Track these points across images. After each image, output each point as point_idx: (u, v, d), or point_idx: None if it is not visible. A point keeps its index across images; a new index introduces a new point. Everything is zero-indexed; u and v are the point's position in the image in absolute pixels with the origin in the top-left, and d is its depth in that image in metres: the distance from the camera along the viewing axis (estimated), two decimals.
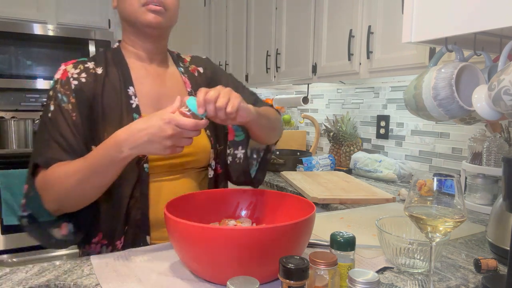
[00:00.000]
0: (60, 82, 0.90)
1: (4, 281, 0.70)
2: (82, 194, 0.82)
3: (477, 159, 1.39)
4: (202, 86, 0.92)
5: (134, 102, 0.92)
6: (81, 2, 2.86)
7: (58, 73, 0.92)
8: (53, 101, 0.89)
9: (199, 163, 1.00)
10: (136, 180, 0.89)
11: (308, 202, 0.81)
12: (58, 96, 0.89)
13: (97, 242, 0.92)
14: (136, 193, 0.90)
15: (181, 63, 1.08)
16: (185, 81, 1.04)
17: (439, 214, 0.64)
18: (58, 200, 0.83)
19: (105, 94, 0.91)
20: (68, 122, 0.87)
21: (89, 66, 0.94)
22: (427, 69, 0.92)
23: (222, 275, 0.66)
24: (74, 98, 0.89)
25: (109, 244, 0.92)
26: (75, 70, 0.92)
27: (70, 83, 0.90)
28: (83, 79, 0.91)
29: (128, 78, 0.94)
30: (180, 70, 1.06)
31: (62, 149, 0.86)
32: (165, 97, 0.98)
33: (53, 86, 0.91)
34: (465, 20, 0.75)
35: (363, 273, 0.54)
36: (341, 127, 2.25)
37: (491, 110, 0.78)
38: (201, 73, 1.09)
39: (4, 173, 2.30)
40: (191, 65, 1.09)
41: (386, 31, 1.65)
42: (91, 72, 0.93)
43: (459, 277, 0.78)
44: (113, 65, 0.96)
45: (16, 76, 2.61)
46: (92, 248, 0.93)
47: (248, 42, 2.80)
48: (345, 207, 1.38)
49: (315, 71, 2.11)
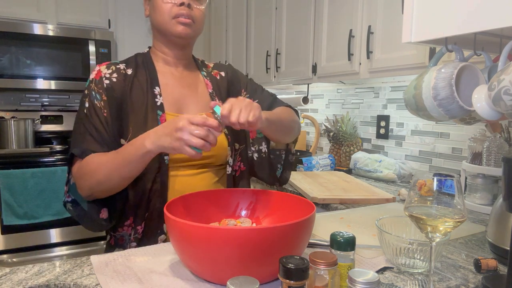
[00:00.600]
0: (94, 81, 1.00)
1: (4, 281, 0.70)
2: (111, 183, 0.91)
3: (477, 159, 1.39)
4: (223, 88, 1.15)
5: (159, 100, 1.01)
6: (81, 2, 2.86)
7: (93, 73, 1.02)
8: (87, 99, 0.99)
9: (216, 160, 1.06)
10: (157, 171, 0.97)
11: (308, 202, 0.81)
12: (92, 94, 0.99)
13: (129, 225, 1.00)
14: (156, 182, 0.98)
15: (204, 68, 1.18)
16: (207, 83, 1.13)
17: (439, 214, 0.64)
18: (90, 188, 0.92)
19: (133, 92, 1.01)
20: (100, 118, 0.97)
21: (120, 67, 1.03)
22: (427, 69, 0.92)
23: (222, 275, 0.66)
24: (106, 96, 0.98)
25: (135, 227, 1.00)
26: (107, 70, 1.02)
27: (103, 82, 0.99)
28: (114, 78, 1.01)
29: (154, 79, 1.04)
30: (203, 73, 1.15)
31: (96, 141, 0.95)
32: (187, 97, 1.08)
33: (88, 85, 1.01)
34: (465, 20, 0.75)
35: (363, 273, 0.54)
36: (341, 127, 2.25)
37: (491, 110, 0.78)
38: (223, 77, 1.18)
39: (4, 173, 2.30)
40: (214, 70, 1.19)
41: (386, 31, 1.65)
42: (122, 72, 1.02)
43: (459, 277, 0.78)
44: (142, 67, 1.06)
45: (16, 76, 2.61)
46: (124, 230, 1.01)
47: (248, 42, 2.80)
48: (345, 207, 1.38)
49: (315, 71, 2.11)
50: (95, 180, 0.90)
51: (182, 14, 0.99)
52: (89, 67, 2.79)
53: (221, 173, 1.09)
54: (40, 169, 2.39)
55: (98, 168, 0.90)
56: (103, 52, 2.82)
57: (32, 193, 2.36)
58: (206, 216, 0.89)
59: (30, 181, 2.35)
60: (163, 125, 0.85)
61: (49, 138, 2.98)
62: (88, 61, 2.79)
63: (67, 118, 3.03)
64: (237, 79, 1.19)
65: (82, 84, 2.79)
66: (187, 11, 0.99)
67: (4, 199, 2.30)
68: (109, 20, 2.97)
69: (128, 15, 3.05)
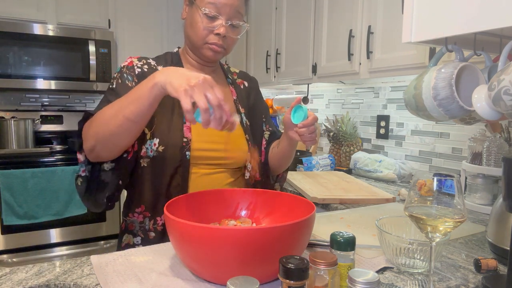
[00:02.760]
0: (126, 67, 1.02)
1: (4, 281, 0.70)
2: (114, 127, 0.84)
3: (477, 159, 1.39)
4: (246, 99, 1.19)
5: None
6: (81, 2, 2.85)
7: (125, 62, 1.03)
8: (116, 80, 1.00)
9: (236, 162, 1.08)
10: (179, 165, 0.98)
11: (308, 202, 0.81)
12: (124, 75, 1.00)
13: (140, 212, 1.02)
14: (177, 176, 0.99)
15: (230, 75, 1.20)
16: (232, 90, 1.16)
17: (439, 214, 0.64)
18: (94, 135, 0.86)
19: None
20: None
21: (151, 62, 1.06)
22: (427, 69, 0.92)
23: (222, 275, 0.66)
24: (137, 79, 0.99)
25: (151, 218, 1.01)
26: (139, 62, 1.04)
27: (134, 70, 1.01)
28: (145, 68, 1.03)
29: None
30: (229, 80, 1.18)
31: None
32: None
33: (119, 70, 1.02)
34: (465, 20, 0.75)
35: (363, 273, 0.54)
36: (341, 127, 2.25)
37: (491, 110, 0.78)
38: (246, 87, 1.22)
39: (4, 173, 2.30)
40: (239, 79, 1.23)
41: (386, 31, 1.65)
42: (152, 67, 1.04)
43: (459, 277, 0.78)
44: (171, 65, 1.06)
45: (16, 76, 2.61)
46: (135, 217, 1.02)
47: (248, 42, 2.80)
48: (345, 207, 1.38)
49: (315, 71, 2.11)
50: (99, 123, 0.86)
51: (216, 44, 1.00)
52: (89, 67, 2.79)
53: (237, 174, 1.11)
54: (40, 169, 2.40)
55: (105, 110, 0.86)
56: (103, 52, 2.82)
57: (32, 193, 2.36)
58: (206, 216, 0.89)
59: (30, 181, 2.36)
60: (184, 69, 0.81)
61: (49, 138, 2.98)
62: (88, 61, 2.79)
63: (67, 118, 3.03)
64: (259, 101, 1.24)
65: (82, 84, 2.79)
66: (222, 41, 1.00)
67: (4, 199, 2.30)
68: (109, 20, 2.97)
69: (128, 15, 3.05)
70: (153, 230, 1.00)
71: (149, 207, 1.01)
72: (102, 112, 0.87)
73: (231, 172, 1.09)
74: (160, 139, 0.98)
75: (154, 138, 0.98)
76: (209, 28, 0.99)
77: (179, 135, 0.99)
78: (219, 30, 0.98)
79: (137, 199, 1.02)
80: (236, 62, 2.96)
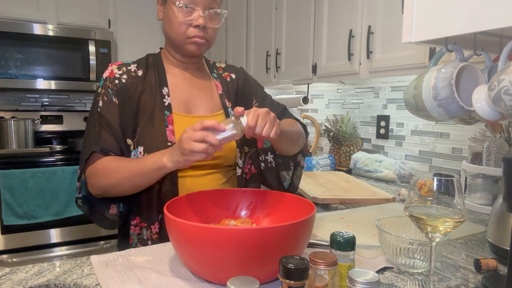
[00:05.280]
0: (109, 79, 1.02)
1: (4, 281, 0.70)
2: (123, 188, 0.94)
3: (477, 159, 1.39)
4: (232, 90, 1.15)
5: (167, 101, 1.02)
6: (81, 2, 2.85)
7: (107, 72, 1.03)
8: (101, 97, 1.00)
9: (225, 160, 1.06)
10: None
11: (308, 202, 0.81)
12: (108, 91, 1.00)
13: (136, 224, 1.01)
14: (166, 181, 0.98)
15: (215, 70, 1.18)
16: (217, 85, 1.13)
17: (439, 214, 0.64)
18: (102, 189, 0.95)
19: (142, 93, 1.02)
20: (115, 115, 0.99)
21: (131, 69, 1.05)
22: (427, 69, 0.92)
23: (222, 275, 0.66)
24: (116, 96, 1.00)
25: (148, 227, 1.00)
26: (118, 71, 1.03)
27: (114, 82, 1.01)
28: (123, 80, 1.02)
29: (163, 80, 1.04)
30: (213, 75, 1.15)
31: (113, 139, 0.97)
32: (197, 98, 1.08)
33: (102, 84, 1.02)
34: (465, 20, 0.75)
35: (363, 273, 0.54)
36: (341, 127, 2.25)
37: (491, 110, 0.78)
38: (233, 79, 1.18)
39: (4, 173, 2.30)
40: (225, 72, 1.19)
41: (386, 31, 1.65)
42: (132, 75, 1.04)
43: (459, 277, 0.78)
44: (152, 68, 1.06)
45: (16, 76, 2.61)
46: (132, 229, 1.01)
47: (248, 42, 2.80)
48: (345, 207, 1.38)
49: (315, 71, 2.11)
50: (108, 183, 0.93)
51: (197, 36, 0.99)
52: (89, 67, 2.79)
53: (230, 174, 1.09)
54: (40, 169, 2.39)
55: (113, 172, 0.92)
56: (103, 52, 2.81)
57: (32, 193, 2.36)
58: (206, 216, 0.89)
59: (30, 181, 2.35)
60: (177, 140, 0.86)
61: (49, 138, 2.98)
62: (88, 61, 2.79)
63: (67, 118, 3.03)
64: (248, 85, 1.19)
65: (82, 84, 2.79)
66: (203, 33, 0.99)
67: (4, 199, 2.30)
68: (109, 20, 2.97)
69: (128, 15, 3.05)
70: (150, 239, 0.99)
71: (144, 217, 1.00)
72: (109, 172, 0.93)
73: (223, 172, 1.07)
74: (145, 147, 0.98)
75: (138, 146, 0.98)
76: (187, 22, 0.97)
77: (162, 140, 0.97)
78: (198, 22, 0.97)
79: (132, 211, 1.01)
80: (236, 62, 2.96)
